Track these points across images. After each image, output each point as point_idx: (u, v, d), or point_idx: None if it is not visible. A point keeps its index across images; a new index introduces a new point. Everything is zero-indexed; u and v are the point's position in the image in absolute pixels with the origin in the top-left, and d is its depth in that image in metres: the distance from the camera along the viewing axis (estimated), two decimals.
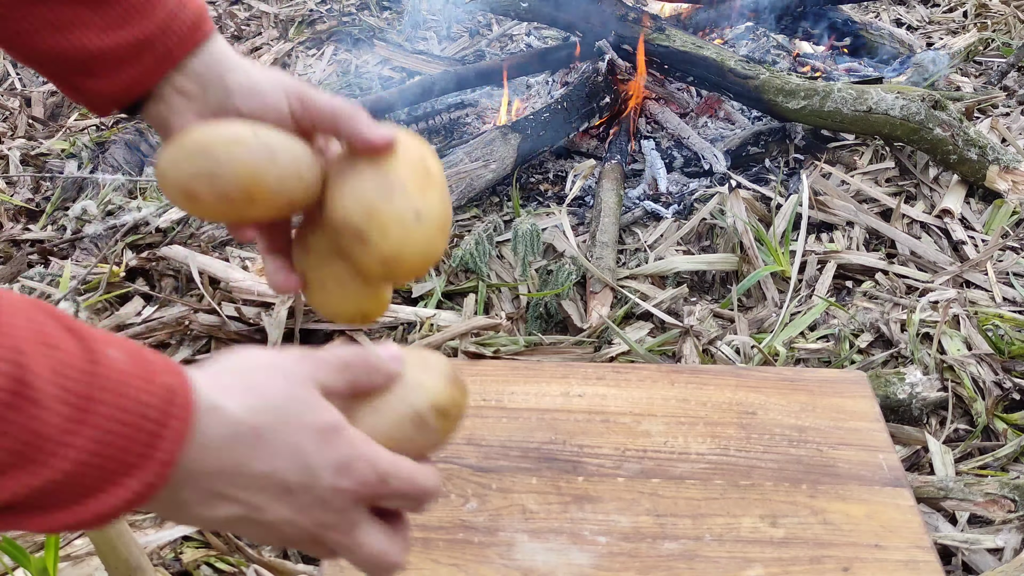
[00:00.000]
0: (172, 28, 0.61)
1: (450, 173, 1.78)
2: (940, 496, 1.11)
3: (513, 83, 2.38)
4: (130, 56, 0.60)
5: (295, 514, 0.51)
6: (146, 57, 0.61)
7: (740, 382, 1.02)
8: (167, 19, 0.61)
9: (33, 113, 2.37)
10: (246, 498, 0.49)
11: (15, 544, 0.86)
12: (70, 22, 0.59)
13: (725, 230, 1.65)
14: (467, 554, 0.82)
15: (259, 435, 0.48)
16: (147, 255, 1.68)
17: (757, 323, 1.48)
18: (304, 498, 0.50)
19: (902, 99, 1.77)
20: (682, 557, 0.81)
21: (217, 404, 0.47)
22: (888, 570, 0.80)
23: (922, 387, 1.26)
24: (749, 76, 1.89)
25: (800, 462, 0.92)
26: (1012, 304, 1.49)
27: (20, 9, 0.59)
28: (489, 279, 1.59)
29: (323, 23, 2.92)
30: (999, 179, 1.75)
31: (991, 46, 2.57)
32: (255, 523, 0.50)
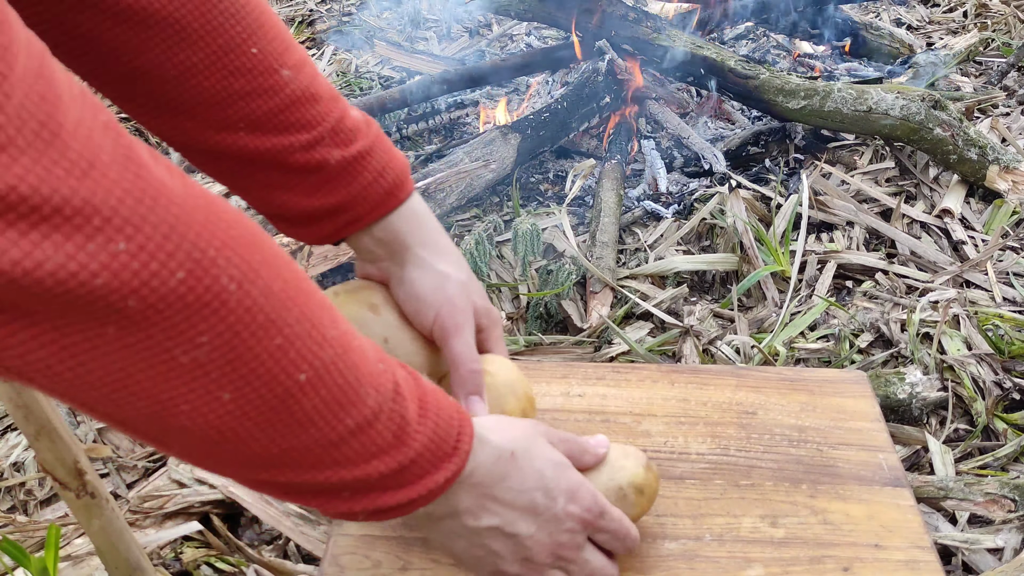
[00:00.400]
0: (366, 196, 0.70)
1: (450, 173, 1.78)
2: (940, 496, 1.11)
3: (513, 83, 2.38)
4: (326, 216, 0.70)
5: (538, 530, 0.64)
6: (339, 218, 0.70)
7: (740, 382, 1.03)
8: (363, 188, 0.69)
9: None
10: (504, 511, 0.62)
11: (15, 544, 0.86)
12: (281, 185, 0.68)
13: (725, 230, 1.65)
14: None
15: (514, 458, 0.62)
16: None
17: (757, 323, 1.48)
18: (545, 515, 0.63)
19: (902, 99, 1.77)
20: (682, 557, 0.81)
21: (485, 437, 0.61)
22: (888, 570, 0.80)
23: (922, 387, 1.26)
24: (749, 76, 1.89)
25: (800, 462, 0.92)
26: (1012, 304, 1.49)
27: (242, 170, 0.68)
28: (489, 279, 1.59)
29: (323, 23, 2.92)
30: (999, 179, 1.75)
31: (991, 46, 2.57)
32: (507, 536, 0.63)
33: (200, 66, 0.64)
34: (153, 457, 1.25)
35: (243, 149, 0.67)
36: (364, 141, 0.70)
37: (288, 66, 0.67)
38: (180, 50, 0.63)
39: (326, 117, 0.68)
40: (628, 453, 0.73)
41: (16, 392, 0.63)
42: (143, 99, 0.66)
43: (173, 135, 0.68)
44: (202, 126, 0.66)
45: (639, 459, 0.73)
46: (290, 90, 0.66)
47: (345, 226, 0.71)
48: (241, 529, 1.13)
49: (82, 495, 0.70)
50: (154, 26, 0.62)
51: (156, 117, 0.67)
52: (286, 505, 1.10)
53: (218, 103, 0.65)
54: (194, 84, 0.64)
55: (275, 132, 0.66)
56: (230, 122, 0.66)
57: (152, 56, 0.63)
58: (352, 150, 0.69)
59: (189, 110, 0.65)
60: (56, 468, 0.68)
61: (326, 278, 1.63)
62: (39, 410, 0.65)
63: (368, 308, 0.73)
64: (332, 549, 0.83)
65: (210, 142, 0.67)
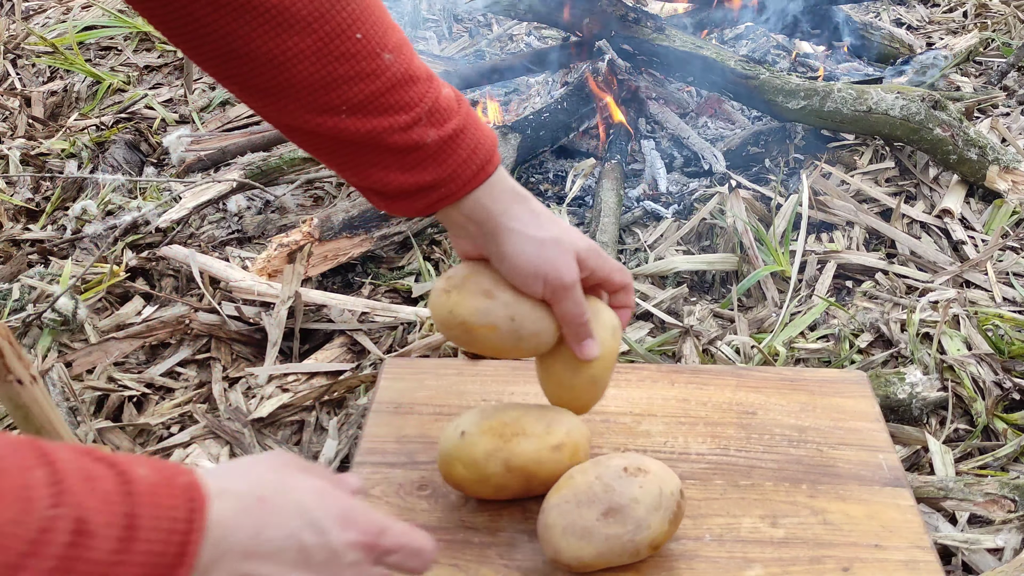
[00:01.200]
0: (459, 173, 0.72)
1: None
2: (940, 496, 1.11)
3: (513, 83, 2.38)
4: (420, 192, 0.72)
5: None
6: (432, 194, 0.73)
7: (740, 382, 1.03)
8: (457, 166, 0.72)
9: (33, 113, 2.37)
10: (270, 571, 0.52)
11: None
12: (378, 163, 0.71)
13: (725, 230, 1.65)
14: (467, 554, 0.82)
15: (264, 501, 0.53)
16: (147, 255, 1.68)
17: (757, 323, 1.48)
18: (321, 555, 0.54)
19: (902, 99, 1.77)
20: (682, 557, 0.81)
21: (224, 487, 0.52)
22: (888, 570, 0.80)
23: (922, 387, 1.26)
24: (749, 76, 1.89)
25: (800, 462, 0.92)
26: (1012, 304, 1.49)
27: (341, 148, 0.70)
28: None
29: None
30: (999, 179, 1.75)
31: (991, 46, 2.57)
32: None
33: (306, 52, 0.65)
34: (153, 457, 1.25)
35: (344, 131, 0.68)
36: (457, 119, 0.72)
37: (389, 49, 0.68)
38: (287, 37, 0.64)
39: (423, 98, 0.70)
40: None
41: (16, 392, 0.63)
42: (245, 80, 0.67)
43: (272, 114, 0.70)
44: (303, 108, 0.67)
45: None
46: (391, 73, 0.68)
47: (438, 201, 0.73)
48: None
49: None
50: (264, 13, 0.63)
51: (257, 98, 0.69)
52: None
53: (321, 87, 0.67)
54: (299, 69, 0.65)
55: (375, 114, 0.68)
56: (332, 105, 0.67)
57: (259, 42, 0.64)
58: (447, 129, 0.71)
59: (292, 93, 0.67)
60: None
61: (326, 278, 1.63)
62: (39, 410, 0.65)
63: (483, 296, 0.78)
64: None
65: (311, 123, 0.68)
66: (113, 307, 1.58)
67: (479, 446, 0.80)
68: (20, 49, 2.70)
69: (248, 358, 1.45)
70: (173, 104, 2.35)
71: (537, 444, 0.81)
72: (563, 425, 0.83)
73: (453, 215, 0.76)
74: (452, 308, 0.78)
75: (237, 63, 0.65)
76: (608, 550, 0.75)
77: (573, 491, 0.77)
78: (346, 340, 1.45)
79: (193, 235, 1.78)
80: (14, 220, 1.92)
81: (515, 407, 0.84)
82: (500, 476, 0.81)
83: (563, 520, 0.75)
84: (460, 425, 0.83)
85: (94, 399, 1.36)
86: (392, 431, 0.96)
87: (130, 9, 2.75)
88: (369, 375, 1.33)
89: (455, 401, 1.00)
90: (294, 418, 1.30)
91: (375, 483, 0.89)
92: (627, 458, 0.79)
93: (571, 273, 0.76)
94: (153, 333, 1.47)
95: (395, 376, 1.04)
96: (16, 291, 1.58)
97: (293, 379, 1.36)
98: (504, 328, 0.78)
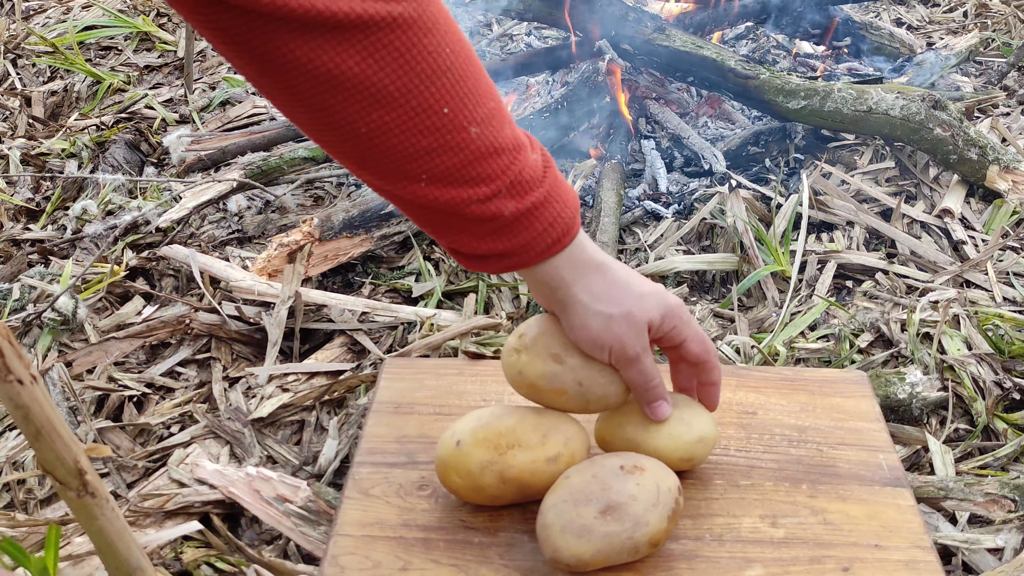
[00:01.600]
0: (534, 245, 0.75)
1: None
2: (940, 496, 1.11)
3: (513, 83, 2.38)
4: (494, 257, 0.75)
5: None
6: (505, 261, 0.75)
7: (740, 382, 1.03)
8: (533, 238, 0.74)
9: (33, 113, 2.37)
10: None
11: (15, 544, 0.86)
12: (454, 227, 0.73)
13: (725, 230, 1.65)
14: (467, 554, 0.82)
15: None
16: (147, 254, 1.68)
17: (757, 323, 1.48)
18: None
19: (902, 99, 1.77)
20: (682, 557, 0.81)
21: None
22: (888, 570, 0.80)
23: (922, 387, 1.26)
24: (749, 76, 1.89)
25: (800, 462, 0.92)
26: (1012, 304, 1.49)
27: (418, 210, 0.73)
28: (489, 279, 1.59)
29: None
30: (999, 179, 1.75)
31: (991, 46, 2.57)
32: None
33: (391, 126, 0.66)
34: (153, 457, 1.25)
35: (423, 197, 0.70)
36: (539, 191, 0.74)
37: (477, 122, 0.69)
38: (374, 111, 0.66)
39: (506, 171, 0.71)
40: None
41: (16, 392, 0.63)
42: (334, 147, 0.70)
43: (360, 175, 0.72)
44: (385, 175, 0.70)
45: None
46: (475, 146, 0.69)
47: (511, 266, 0.76)
48: (241, 529, 1.13)
49: (82, 495, 0.70)
50: (351, 88, 0.64)
51: (347, 162, 0.71)
52: (286, 505, 1.10)
53: (403, 158, 0.68)
54: (383, 141, 0.67)
55: (455, 185, 0.70)
56: (413, 174, 0.69)
57: (347, 116, 0.66)
58: (526, 202, 0.73)
59: (375, 162, 0.69)
60: (56, 468, 0.68)
61: (327, 277, 1.63)
62: (39, 410, 0.65)
63: (552, 359, 0.82)
64: (332, 549, 0.83)
65: (392, 188, 0.71)
66: (113, 307, 1.58)
67: (474, 457, 0.80)
68: (20, 49, 2.70)
69: (248, 358, 1.45)
70: (173, 104, 2.35)
71: (533, 456, 0.81)
72: (560, 435, 0.83)
73: (528, 276, 0.79)
74: (521, 369, 0.83)
75: (328, 133, 0.68)
76: (607, 548, 0.75)
77: (570, 490, 0.77)
78: (346, 340, 1.45)
79: (193, 235, 1.78)
80: (14, 220, 1.92)
81: (513, 413, 0.84)
82: (495, 487, 0.81)
83: (561, 519, 0.75)
84: (456, 433, 0.82)
85: (94, 399, 1.36)
86: (392, 431, 0.96)
87: (131, 10, 2.75)
88: (369, 375, 1.33)
89: (455, 401, 1.00)
90: (294, 418, 1.30)
91: (375, 483, 0.89)
92: (623, 456, 0.79)
93: (635, 347, 0.79)
94: (153, 333, 1.47)
95: (395, 376, 1.04)
96: (16, 291, 1.58)
97: (293, 379, 1.36)
98: (572, 392, 0.83)
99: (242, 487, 1.11)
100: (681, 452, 0.84)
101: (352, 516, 0.86)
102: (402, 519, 0.85)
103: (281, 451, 1.24)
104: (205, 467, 1.15)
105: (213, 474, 1.14)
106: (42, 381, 0.84)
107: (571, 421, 0.85)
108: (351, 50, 0.63)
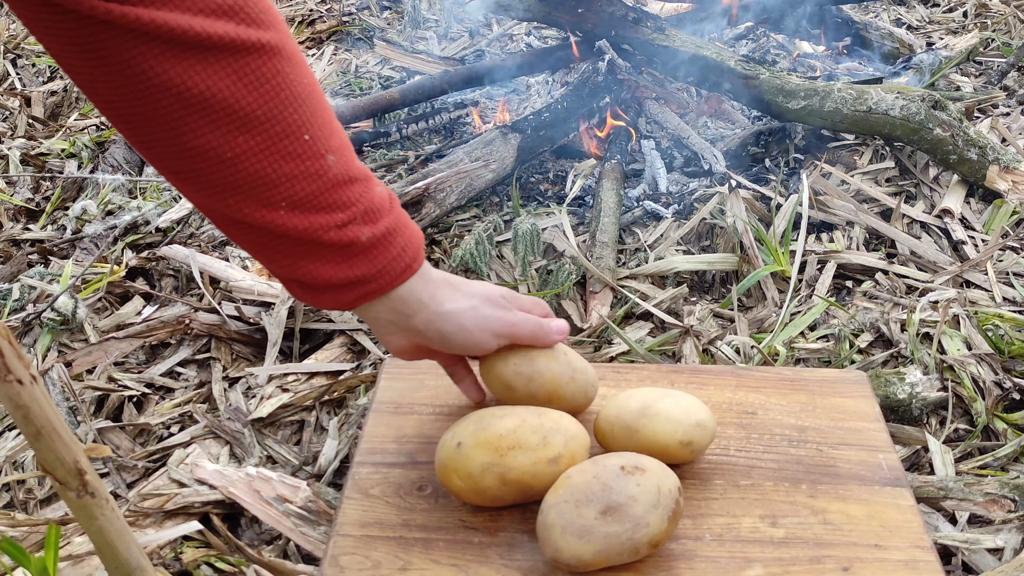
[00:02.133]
0: (389, 269, 0.77)
1: (450, 173, 1.78)
2: (940, 496, 1.11)
3: (513, 83, 2.38)
4: (348, 285, 0.76)
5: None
6: (361, 288, 0.76)
7: (740, 382, 1.03)
8: (387, 263, 0.76)
9: (33, 113, 2.37)
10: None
11: (15, 544, 0.86)
12: (310, 256, 0.74)
13: (725, 230, 1.65)
14: (467, 554, 0.82)
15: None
16: (147, 254, 1.68)
17: (757, 323, 1.48)
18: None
19: (902, 99, 1.77)
20: (682, 557, 0.81)
21: None
22: (888, 570, 0.80)
23: (922, 387, 1.26)
24: (749, 76, 1.89)
25: (800, 462, 0.92)
26: (1012, 304, 1.49)
27: (274, 241, 0.73)
28: (489, 279, 1.59)
29: (323, 23, 2.92)
30: (999, 179, 1.75)
31: (991, 46, 2.57)
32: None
33: (256, 150, 0.67)
34: (153, 457, 1.25)
35: (281, 226, 0.71)
36: (390, 218, 0.76)
37: (333, 151, 0.71)
38: (240, 134, 0.66)
39: (360, 198, 0.74)
40: None
41: (16, 392, 0.63)
42: (192, 174, 0.69)
43: (214, 207, 0.71)
44: (246, 203, 0.70)
45: None
46: (333, 174, 0.71)
47: (367, 295, 0.77)
48: (241, 529, 1.13)
49: (82, 495, 0.70)
50: (220, 111, 0.65)
51: (203, 191, 0.70)
52: (286, 505, 1.10)
53: (266, 184, 0.69)
54: (246, 166, 0.68)
55: (314, 211, 0.71)
56: (273, 200, 0.70)
57: (213, 138, 0.66)
58: (380, 227, 0.75)
59: (238, 189, 0.69)
60: (56, 468, 0.68)
61: None
62: (39, 410, 0.65)
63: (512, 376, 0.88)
64: (332, 549, 0.83)
65: (250, 217, 0.70)
66: (113, 307, 1.58)
67: (474, 459, 0.80)
68: (20, 49, 2.70)
69: (248, 358, 1.45)
70: None
71: (533, 457, 0.81)
72: (560, 436, 0.83)
73: (380, 311, 0.80)
74: (511, 364, 0.89)
75: (196, 159, 0.67)
76: (607, 548, 0.75)
77: (571, 491, 0.77)
78: (346, 340, 1.45)
79: (193, 235, 1.78)
80: (14, 220, 1.92)
81: (513, 414, 0.84)
82: (496, 489, 0.81)
83: (562, 519, 0.75)
84: (457, 435, 0.82)
85: (94, 399, 1.36)
86: (392, 431, 0.96)
87: None
88: (369, 375, 1.33)
89: (455, 401, 1.00)
90: (294, 418, 1.30)
91: (375, 483, 0.89)
92: (624, 457, 0.79)
93: (509, 314, 0.85)
94: (153, 333, 1.47)
95: (395, 376, 1.04)
96: (16, 291, 1.58)
97: (293, 379, 1.36)
98: (561, 359, 0.90)
99: (242, 487, 1.11)
100: (680, 435, 0.84)
101: (352, 516, 0.86)
102: (402, 519, 0.85)
103: (281, 451, 1.24)
104: (205, 467, 1.15)
105: (213, 474, 1.14)
106: (42, 381, 0.84)
107: (572, 422, 0.85)
108: (222, 72, 0.64)
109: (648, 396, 0.88)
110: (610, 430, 0.88)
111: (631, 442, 0.86)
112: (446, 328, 0.81)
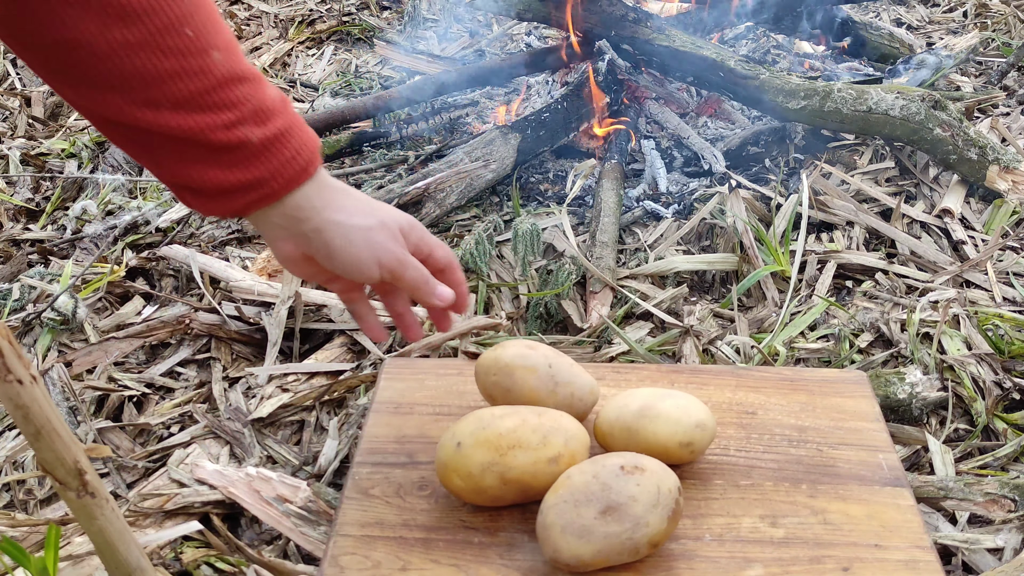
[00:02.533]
0: (283, 171, 0.73)
1: (450, 173, 1.78)
2: (940, 496, 1.11)
3: (513, 83, 2.38)
4: (240, 190, 0.72)
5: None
6: (254, 192, 0.72)
7: (740, 382, 1.03)
8: (281, 165, 0.72)
9: (33, 113, 2.37)
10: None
11: (15, 544, 0.86)
12: (198, 159, 0.70)
13: (725, 230, 1.65)
14: (467, 554, 0.82)
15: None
16: (147, 254, 1.68)
17: (757, 323, 1.48)
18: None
19: (902, 99, 1.77)
20: (682, 557, 0.81)
21: None
22: (888, 570, 0.80)
23: (922, 387, 1.26)
24: (749, 76, 1.89)
25: (800, 462, 0.92)
26: (1012, 304, 1.49)
27: (160, 144, 0.69)
28: (489, 279, 1.59)
29: (323, 23, 2.92)
30: (999, 179, 1.75)
31: (991, 46, 2.57)
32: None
33: (135, 44, 0.64)
34: (153, 457, 1.25)
35: (164, 126, 0.67)
36: (283, 119, 0.72)
37: (219, 48, 0.68)
38: (118, 27, 0.63)
39: (250, 98, 0.70)
40: None
41: (16, 392, 0.63)
42: (70, 71, 0.66)
43: (93, 108, 0.68)
44: (126, 101, 0.66)
45: None
46: (219, 72, 0.68)
47: (259, 200, 0.73)
48: (241, 529, 1.13)
49: (82, 495, 0.70)
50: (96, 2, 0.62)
51: (79, 90, 0.68)
52: (286, 505, 1.10)
53: (147, 81, 0.66)
54: (126, 61, 0.65)
55: (200, 111, 0.68)
56: (156, 100, 0.66)
57: (88, 30, 0.63)
58: (272, 128, 0.71)
59: (117, 86, 0.66)
60: (56, 468, 0.68)
61: None
62: (39, 410, 0.65)
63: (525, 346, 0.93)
64: (332, 549, 0.83)
65: (132, 117, 0.67)
66: (113, 307, 1.58)
67: (474, 458, 0.80)
68: None
69: (248, 358, 1.45)
70: None
71: (533, 457, 0.81)
72: (560, 436, 0.83)
73: (273, 216, 0.76)
74: (503, 356, 0.93)
75: (72, 53, 0.64)
76: (607, 548, 0.75)
77: (571, 490, 0.77)
78: (346, 340, 1.45)
79: (193, 235, 1.78)
80: (14, 220, 1.92)
81: (513, 414, 0.84)
82: (496, 488, 0.81)
83: (561, 519, 0.75)
84: (457, 435, 0.82)
85: (94, 399, 1.36)
86: (392, 431, 0.96)
87: None
88: (369, 375, 1.33)
89: (455, 401, 1.00)
90: (294, 418, 1.30)
91: (375, 483, 0.89)
92: (624, 457, 0.79)
93: (401, 251, 0.79)
94: (153, 333, 1.47)
95: (395, 376, 1.04)
96: (16, 291, 1.58)
97: (293, 379, 1.36)
98: (542, 373, 0.92)
99: (242, 487, 1.11)
100: (680, 436, 0.85)
101: (352, 516, 0.86)
102: (402, 519, 0.85)
103: (281, 451, 1.24)
104: (205, 467, 1.15)
105: (213, 474, 1.14)
106: (42, 381, 0.84)
107: (572, 421, 0.85)
108: None
109: (648, 397, 0.88)
110: (610, 431, 0.88)
111: (631, 443, 0.86)
112: (333, 240, 0.76)
